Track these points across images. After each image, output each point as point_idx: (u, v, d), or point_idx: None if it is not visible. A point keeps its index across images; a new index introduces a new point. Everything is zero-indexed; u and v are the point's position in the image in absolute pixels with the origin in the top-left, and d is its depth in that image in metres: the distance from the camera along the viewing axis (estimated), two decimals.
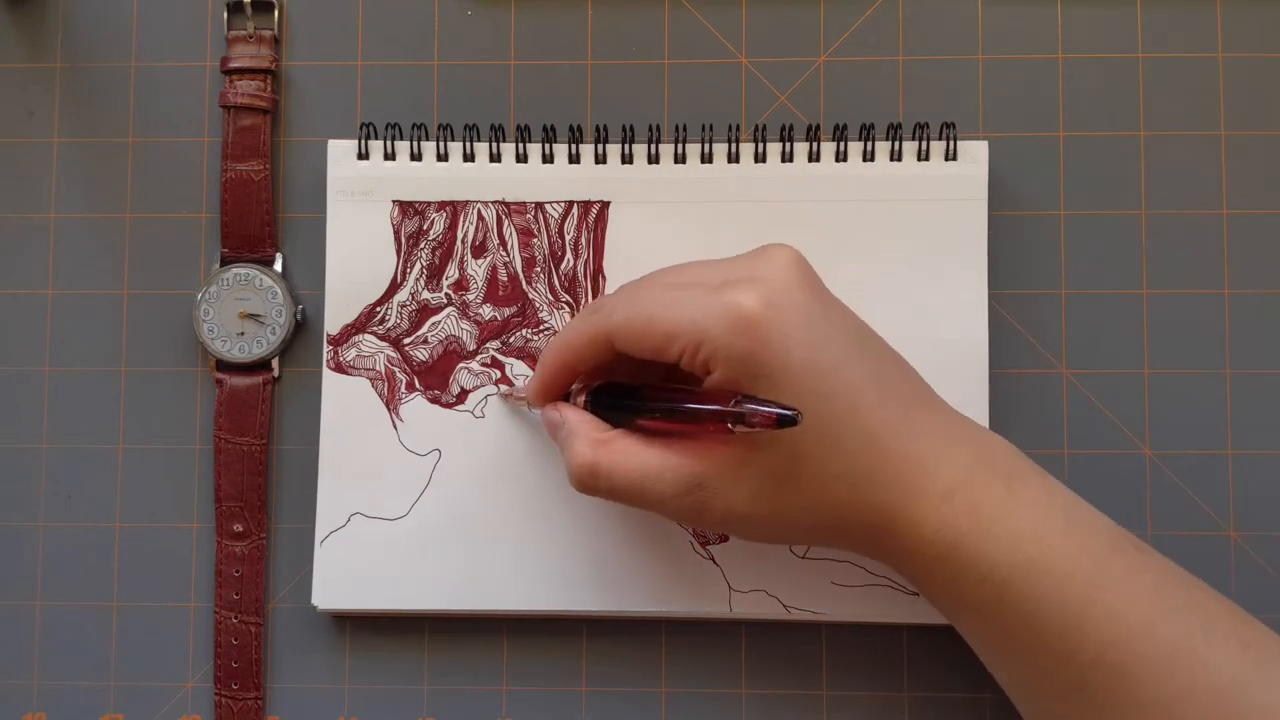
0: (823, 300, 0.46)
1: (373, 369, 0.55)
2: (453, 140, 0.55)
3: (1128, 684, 0.43)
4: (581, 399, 0.49)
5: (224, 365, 0.56)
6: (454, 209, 0.55)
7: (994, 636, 0.46)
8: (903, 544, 0.45)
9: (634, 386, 0.48)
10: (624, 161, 0.55)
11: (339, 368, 0.55)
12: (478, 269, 0.55)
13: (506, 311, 0.55)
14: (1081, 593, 0.44)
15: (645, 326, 0.45)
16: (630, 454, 0.46)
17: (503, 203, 0.55)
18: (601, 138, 0.55)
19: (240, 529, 0.56)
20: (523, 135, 0.56)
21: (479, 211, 0.55)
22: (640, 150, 0.55)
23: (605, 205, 0.55)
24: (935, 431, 0.46)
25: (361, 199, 0.55)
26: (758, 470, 0.45)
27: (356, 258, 0.55)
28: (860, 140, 0.55)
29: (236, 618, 0.56)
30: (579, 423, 0.48)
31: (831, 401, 0.44)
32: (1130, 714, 0.43)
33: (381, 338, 0.55)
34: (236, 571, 0.56)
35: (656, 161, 0.55)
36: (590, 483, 0.47)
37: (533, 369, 0.55)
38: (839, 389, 0.44)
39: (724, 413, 0.43)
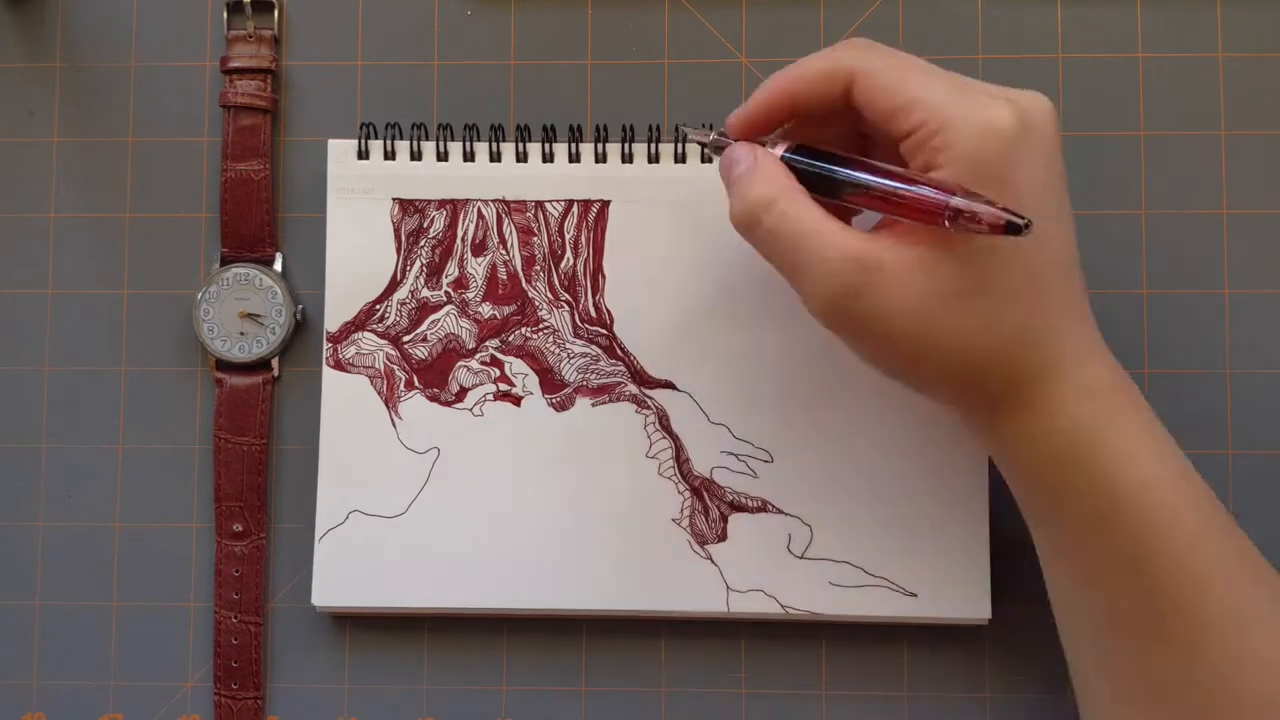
0: (1059, 152, 0.45)
1: (372, 367, 0.55)
2: (453, 140, 0.55)
3: (1197, 630, 0.43)
4: (780, 148, 0.46)
5: (224, 365, 0.56)
6: (454, 207, 0.55)
7: (1086, 549, 0.45)
8: (1033, 421, 0.44)
9: (840, 154, 0.45)
10: (624, 161, 0.55)
11: (338, 365, 0.55)
12: (477, 267, 0.55)
13: (506, 310, 0.55)
14: (1189, 536, 0.43)
15: (896, 84, 0.43)
16: (811, 211, 0.44)
17: (503, 201, 0.55)
18: (601, 137, 0.55)
19: (240, 529, 0.56)
20: (523, 135, 0.56)
21: (479, 210, 0.55)
22: (640, 150, 0.55)
23: (605, 204, 0.55)
24: (1091, 330, 0.45)
25: (361, 197, 0.55)
26: (938, 276, 0.42)
27: (356, 255, 0.55)
28: None
29: (236, 617, 0.56)
30: (773, 165, 0.45)
31: (1043, 244, 0.42)
32: (1194, 659, 0.43)
33: (381, 335, 0.55)
34: (236, 571, 0.56)
35: (656, 161, 0.55)
36: (757, 216, 0.44)
37: (532, 368, 0.55)
38: (1053, 237, 0.43)
39: (949, 204, 0.40)
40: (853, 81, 0.44)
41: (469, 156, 0.55)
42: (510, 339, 0.55)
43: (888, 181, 0.43)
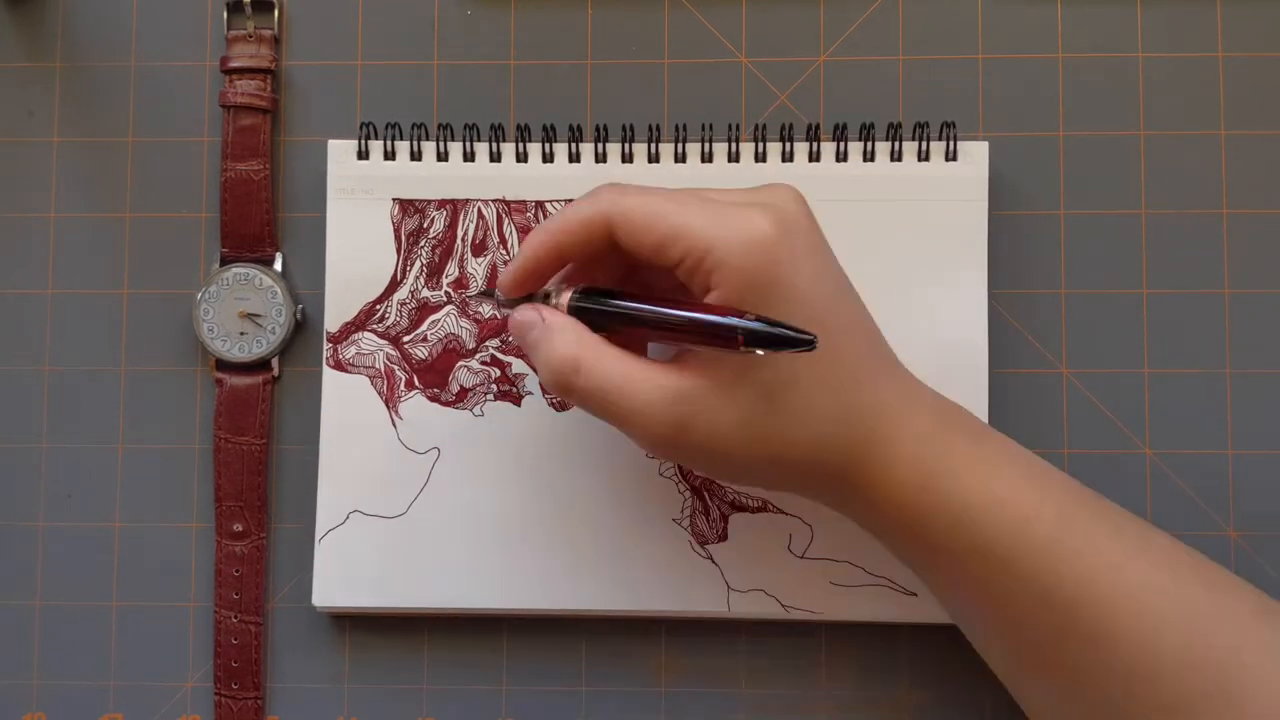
0: (822, 238, 0.46)
1: (372, 367, 0.55)
2: (453, 140, 0.55)
3: (1104, 620, 0.44)
4: (566, 296, 0.47)
5: (224, 365, 0.56)
6: (454, 207, 0.55)
7: (969, 585, 0.46)
8: (876, 483, 0.46)
9: (624, 292, 0.46)
10: (624, 161, 0.55)
11: (338, 365, 0.55)
12: (477, 267, 0.55)
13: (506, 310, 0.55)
14: (1048, 533, 0.45)
15: (654, 219, 0.44)
16: (616, 359, 0.44)
17: (503, 201, 0.55)
18: (602, 137, 0.55)
19: (240, 529, 0.56)
20: (523, 135, 0.56)
21: (479, 210, 0.55)
22: (640, 150, 0.55)
23: None
24: (906, 383, 0.47)
25: (362, 197, 0.55)
26: (747, 393, 0.44)
27: (356, 255, 0.55)
28: (860, 140, 0.55)
29: (236, 617, 0.56)
30: (564, 321, 0.46)
31: (828, 336, 0.43)
32: (1108, 652, 0.44)
33: (381, 336, 0.55)
34: (236, 571, 0.56)
35: (656, 161, 0.55)
36: (568, 379, 0.45)
37: (533, 369, 0.55)
38: (836, 325, 0.44)
39: (737, 328, 0.41)
40: (612, 227, 0.45)
41: (469, 156, 0.55)
42: (510, 339, 0.55)
43: (678, 313, 0.44)
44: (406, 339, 0.55)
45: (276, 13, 0.57)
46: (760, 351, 0.41)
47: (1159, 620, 0.44)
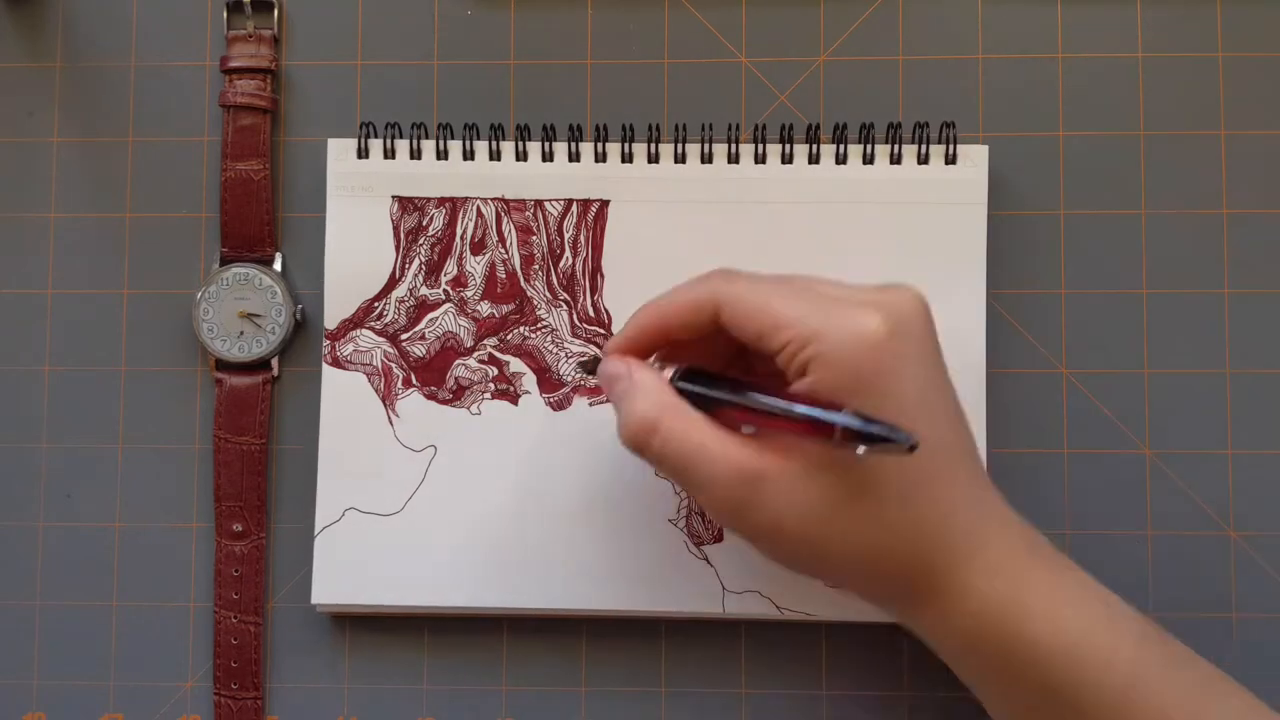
0: (936, 348, 0.45)
1: (369, 364, 0.55)
2: (452, 139, 0.55)
3: None
4: (668, 373, 0.47)
5: (223, 365, 0.56)
6: (453, 205, 0.55)
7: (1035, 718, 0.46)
8: (944, 610, 0.45)
9: (725, 376, 0.46)
10: (624, 160, 0.55)
11: (336, 363, 0.55)
12: (476, 266, 0.55)
13: (504, 308, 0.55)
14: (1122, 682, 0.43)
15: (760, 307, 0.44)
16: (694, 427, 0.44)
17: (502, 200, 0.55)
18: (601, 137, 0.55)
19: (240, 529, 0.56)
20: (522, 134, 0.56)
21: (478, 208, 0.55)
22: (640, 149, 0.55)
23: (605, 204, 0.55)
24: (990, 508, 0.46)
25: (361, 194, 0.55)
26: (820, 487, 0.43)
27: (355, 253, 0.55)
28: (860, 142, 0.54)
29: (236, 617, 0.56)
30: (649, 380, 0.46)
31: (928, 441, 0.42)
32: None
33: (379, 333, 0.55)
34: (236, 571, 0.56)
35: (656, 161, 0.55)
36: (644, 440, 0.44)
37: (530, 367, 0.55)
38: (931, 439, 0.43)
39: (837, 423, 0.41)
40: (718, 310, 0.45)
41: (469, 155, 0.55)
42: (508, 338, 0.55)
43: (777, 402, 0.43)
44: (404, 337, 0.55)
45: (276, 13, 0.57)
46: (860, 449, 0.41)
47: None
